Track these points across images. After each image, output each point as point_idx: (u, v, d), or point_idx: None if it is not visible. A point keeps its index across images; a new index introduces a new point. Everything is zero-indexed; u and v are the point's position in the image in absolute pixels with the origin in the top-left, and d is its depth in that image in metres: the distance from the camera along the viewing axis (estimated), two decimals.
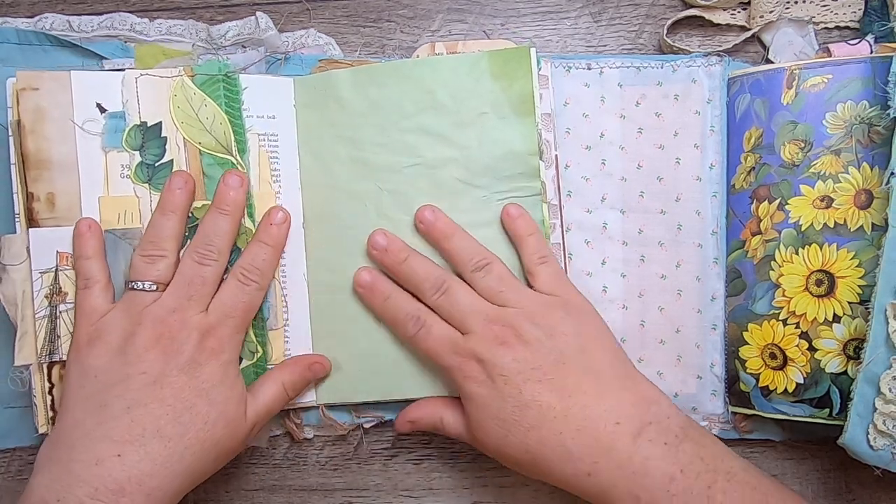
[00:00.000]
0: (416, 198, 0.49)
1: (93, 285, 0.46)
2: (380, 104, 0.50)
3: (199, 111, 0.49)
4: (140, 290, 0.45)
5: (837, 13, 0.53)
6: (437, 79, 0.49)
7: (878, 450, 0.43)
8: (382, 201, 0.50)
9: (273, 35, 0.52)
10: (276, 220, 0.49)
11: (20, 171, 0.47)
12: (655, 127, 0.51)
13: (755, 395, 0.48)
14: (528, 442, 0.43)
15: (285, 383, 0.48)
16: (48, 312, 0.47)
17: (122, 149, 0.48)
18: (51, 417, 0.47)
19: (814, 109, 0.47)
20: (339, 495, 0.53)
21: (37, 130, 0.47)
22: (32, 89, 0.47)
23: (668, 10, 0.54)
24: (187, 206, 0.48)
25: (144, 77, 0.49)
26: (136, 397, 0.43)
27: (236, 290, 0.47)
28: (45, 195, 0.47)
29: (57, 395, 0.47)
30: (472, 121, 0.49)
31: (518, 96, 0.48)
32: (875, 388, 0.43)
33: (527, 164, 0.49)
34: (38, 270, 0.47)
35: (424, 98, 0.49)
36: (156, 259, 0.46)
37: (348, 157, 0.50)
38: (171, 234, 0.46)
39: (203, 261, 0.46)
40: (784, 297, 0.47)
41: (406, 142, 0.50)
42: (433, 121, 0.49)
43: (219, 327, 0.45)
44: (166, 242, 0.46)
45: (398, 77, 0.49)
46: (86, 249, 0.47)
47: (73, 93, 0.48)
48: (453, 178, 0.49)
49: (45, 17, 0.52)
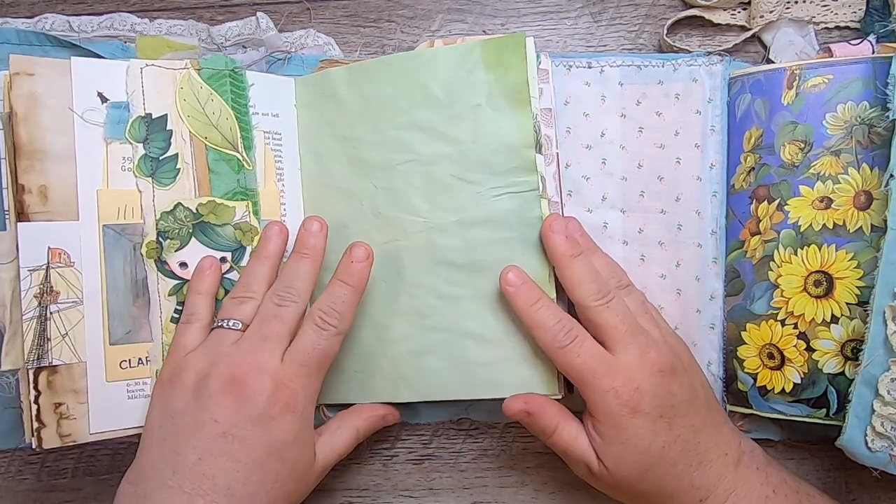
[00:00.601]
0: (412, 195, 0.49)
1: (194, 321, 0.46)
2: (374, 101, 0.49)
3: (206, 105, 0.48)
4: (225, 329, 0.45)
5: (838, 13, 0.53)
6: (430, 72, 0.48)
7: (875, 451, 0.43)
8: (378, 199, 0.49)
9: (273, 35, 0.52)
10: (357, 258, 0.46)
11: (10, 162, 0.45)
12: (656, 126, 0.51)
13: (753, 395, 0.48)
14: (666, 477, 0.44)
15: (359, 430, 0.48)
16: (37, 313, 0.45)
17: (124, 140, 0.47)
18: (36, 429, 0.45)
19: (814, 110, 0.47)
20: (339, 495, 0.53)
21: (30, 118, 0.45)
22: (27, 74, 0.45)
23: (668, 10, 0.54)
24: (280, 253, 0.48)
25: (150, 68, 0.48)
26: (207, 448, 0.42)
27: (312, 334, 0.45)
28: (38, 187, 0.45)
29: (43, 404, 0.45)
30: (465, 114, 0.47)
31: (512, 86, 0.46)
32: (873, 390, 0.43)
33: (523, 157, 0.46)
34: (28, 268, 0.45)
35: (417, 93, 0.48)
36: (245, 300, 0.46)
37: (345, 155, 0.50)
38: (262, 278, 0.47)
39: (282, 302, 0.45)
40: (782, 298, 0.47)
41: (399, 138, 0.49)
42: (426, 116, 0.48)
43: (294, 379, 0.43)
44: (256, 286, 0.46)
45: (391, 72, 0.49)
46: (202, 285, 0.47)
47: (72, 80, 0.46)
48: (447, 173, 0.48)
49: (45, 17, 0.52)
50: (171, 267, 0.48)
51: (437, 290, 0.49)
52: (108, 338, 0.47)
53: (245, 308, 0.46)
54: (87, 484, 0.53)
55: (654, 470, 0.43)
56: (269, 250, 0.48)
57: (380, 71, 0.49)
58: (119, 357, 0.47)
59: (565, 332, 0.44)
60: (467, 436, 0.54)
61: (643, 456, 0.43)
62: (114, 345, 0.47)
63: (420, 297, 0.49)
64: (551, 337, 0.44)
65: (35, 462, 0.52)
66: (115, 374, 0.47)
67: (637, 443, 0.43)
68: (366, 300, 0.49)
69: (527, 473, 0.53)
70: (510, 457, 0.53)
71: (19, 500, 0.52)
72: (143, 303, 0.48)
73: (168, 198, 0.48)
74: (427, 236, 0.49)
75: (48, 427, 0.45)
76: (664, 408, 0.43)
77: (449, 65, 0.48)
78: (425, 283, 0.49)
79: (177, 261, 0.48)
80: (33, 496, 0.52)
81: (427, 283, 0.49)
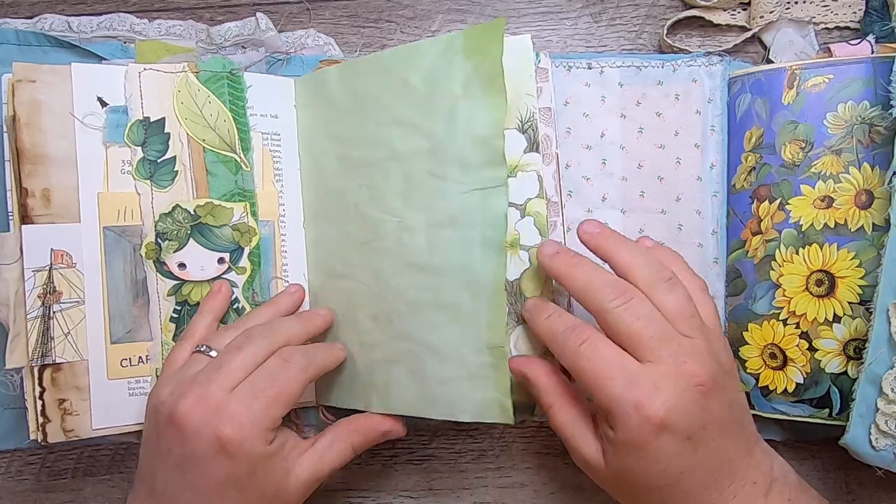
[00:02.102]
0: (389, 193, 0.47)
1: (187, 339, 0.46)
2: (361, 98, 0.48)
3: (203, 108, 0.49)
4: (201, 354, 0.44)
5: (838, 13, 0.53)
6: (412, 65, 0.46)
7: (879, 450, 0.43)
8: (360, 198, 0.48)
9: (273, 36, 0.52)
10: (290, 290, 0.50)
11: (14, 166, 0.46)
12: (656, 126, 0.51)
13: (755, 395, 0.48)
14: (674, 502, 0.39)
15: (355, 445, 0.46)
16: (41, 313, 0.46)
17: (123, 144, 0.47)
18: (41, 424, 0.46)
19: (814, 109, 0.47)
20: (339, 495, 0.53)
21: (33, 123, 0.46)
22: (29, 81, 0.46)
23: (668, 11, 0.54)
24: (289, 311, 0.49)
25: (148, 72, 0.48)
26: (168, 476, 0.41)
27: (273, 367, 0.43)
28: (41, 191, 0.46)
29: (48, 400, 0.46)
30: (441, 104, 0.45)
31: (488, 73, 0.43)
32: (877, 388, 0.43)
33: (492, 149, 0.43)
34: (31, 269, 0.46)
35: (399, 86, 0.46)
36: (231, 330, 0.46)
37: (335, 154, 0.50)
38: (260, 320, 0.46)
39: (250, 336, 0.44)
40: (784, 297, 0.47)
41: (380, 135, 0.47)
42: (406, 109, 0.46)
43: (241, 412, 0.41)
44: (250, 322, 0.46)
45: (378, 68, 0.48)
46: (206, 306, 0.48)
47: (73, 86, 0.47)
48: (422, 170, 0.45)
49: (45, 17, 0.52)
50: (169, 267, 0.48)
51: (404, 294, 0.47)
52: (109, 337, 0.47)
53: (227, 336, 0.45)
54: (87, 484, 0.52)
55: (663, 491, 0.38)
56: (281, 305, 0.48)
57: (369, 66, 0.48)
58: (120, 355, 0.48)
59: (575, 335, 0.39)
60: (467, 436, 0.53)
61: (656, 477, 0.38)
62: (115, 343, 0.48)
63: (390, 301, 0.47)
64: (560, 345, 0.40)
65: (35, 462, 0.52)
66: (116, 372, 0.48)
67: (654, 463, 0.37)
68: (352, 303, 0.49)
69: (527, 473, 0.53)
70: (510, 457, 0.53)
71: (19, 500, 0.52)
72: (142, 302, 0.48)
73: (166, 200, 0.48)
74: (398, 236, 0.47)
75: (52, 422, 0.46)
76: (695, 428, 0.37)
77: (431, 55, 0.45)
78: (394, 286, 0.47)
79: (175, 261, 0.48)
80: (33, 496, 0.52)
81: (396, 286, 0.47)
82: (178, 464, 0.41)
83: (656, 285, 0.40)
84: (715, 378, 0.38)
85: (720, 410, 0.38)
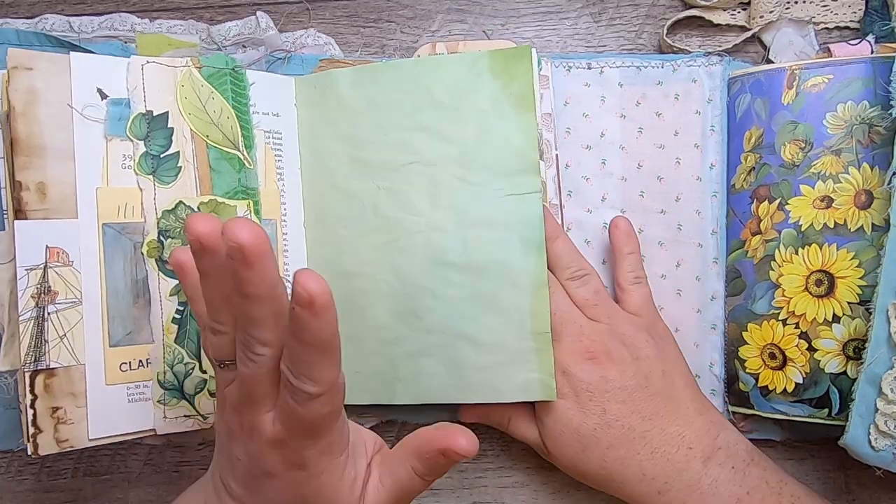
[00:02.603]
0: (413, 196, 0.49)
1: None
2: (379, 102, 0.49)
3: (207, 104, 0.48)
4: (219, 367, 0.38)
5: (837, 13, 0.53)
6: (436, 77, 0.49)
7: (879, 450, 0.43)
8: (379, 200, 0.50)
9: (273, 34, 0.52)
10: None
11: (8, 158, 0.43)
12: (656, 126, 0.51)
13: (754, 395, 0.48)
14: (606, 460, 0.45)
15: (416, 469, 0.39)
16: (35, 314, 0.43)
17: (125, 137, 0.46)
18: (32, 434, 0.42)
19: (814, 109, 0.47)
20: None
21: (28, 113, 0.43)
22: (25, 69, 0.43)
23: (668, 10, 0.54)
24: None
25: (151, 64, 0.47)
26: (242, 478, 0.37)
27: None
28: (36, 184, 0.43)
29: (40, 408, 0.42)
30: (470, 118, 0.48)
31: (518, 93, 0.47)
32: (876, 388, 0.43)
33: (527, 160, 0.47)
34: (25, 267, 0.43)
35: (423, 96, 0.49)
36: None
37: (347, 155, 0.50)
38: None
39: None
40: (784, 297, 0.47)
41: (404, 139, 0.49)
42: (431, 118, 0.49)
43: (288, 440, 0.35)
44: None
45: (398, 76, 0.49)
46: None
47: (72, 76, 0.45)
48: (450, 174, 0.48)
49: (46, 17, 0.52)
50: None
51: (433, 290, 0.49)
52: (107, 339, 0.45)
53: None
54: (87, 484, 0.52)
55: (590, 450, 0.45)
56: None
57: (386, 74, 0.49)
58: (119, 359, 0.46)
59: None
60: None
61: (575, 435, 0.45)
62: (114, 346, 0.45)
63: (417, 297, 0.49)
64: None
65: (35, 462, 0.52)
66: (115, 377, 0.45)
67: (567, 422, 0.46)
68: (368, 301, 0.50)
69: (527, 473, 0.53)
70: (510, 457, 0.53)
71: (19, 500, 0.52)
72: (143, 303, 0.47)
73: (169, 196, 0.47)
74: (427, 236, 0.49)
75: (45, 433, 0.43)
76: (594, 392, 0.45)
77: (456, 71, 0.48)
78: (422, 283, 0.49)
79: None
80: (33, 496, 0.52)
81: (424, 283, 0.49)
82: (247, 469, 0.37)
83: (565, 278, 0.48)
84: (610, 352, 0.46)
85: (626, 379, 0.45)
